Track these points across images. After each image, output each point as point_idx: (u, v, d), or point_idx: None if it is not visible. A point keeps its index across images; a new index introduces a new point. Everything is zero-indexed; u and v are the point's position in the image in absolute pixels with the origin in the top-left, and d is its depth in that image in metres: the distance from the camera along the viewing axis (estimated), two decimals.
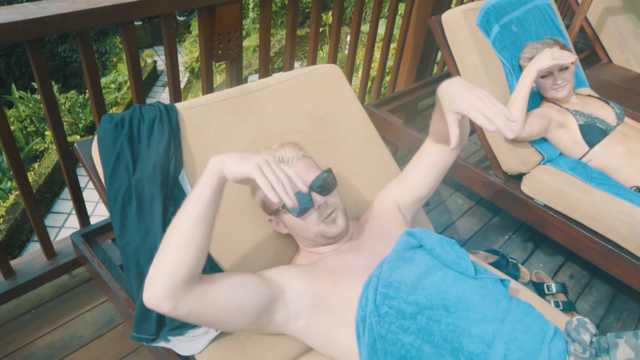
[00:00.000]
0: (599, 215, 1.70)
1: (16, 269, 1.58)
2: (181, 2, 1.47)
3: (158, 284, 0.83)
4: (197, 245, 0.85)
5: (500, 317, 0.95)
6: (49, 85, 1.36)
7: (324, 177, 1.08)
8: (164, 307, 0.84)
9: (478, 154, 2.64)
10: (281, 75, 1.43)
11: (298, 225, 1.10)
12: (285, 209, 1.07)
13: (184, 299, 0.85)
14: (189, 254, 0.84)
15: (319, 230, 1.09)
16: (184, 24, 12.76)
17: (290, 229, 1.14)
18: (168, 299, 0.83)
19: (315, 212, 1.07)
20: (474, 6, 1.85)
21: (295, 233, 1.14)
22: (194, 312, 0.87)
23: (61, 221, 7.76)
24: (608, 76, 2.85)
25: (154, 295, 0.84)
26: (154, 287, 0.84)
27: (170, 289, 0.83)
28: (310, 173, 1.08)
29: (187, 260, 0.84)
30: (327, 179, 1.09)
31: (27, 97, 8.62)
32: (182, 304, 0.85)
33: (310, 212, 1.07)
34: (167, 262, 0.84)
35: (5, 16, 1.19)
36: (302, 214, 1.06)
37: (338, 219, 1.10)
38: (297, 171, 1.07)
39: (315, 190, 1.06)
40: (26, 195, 1.47)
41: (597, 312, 1.83)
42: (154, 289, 0.84)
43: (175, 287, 0.83)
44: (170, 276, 0.83)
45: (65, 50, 11.82)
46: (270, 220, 1.17)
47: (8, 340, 1.50)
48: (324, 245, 1.14)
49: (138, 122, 1.12)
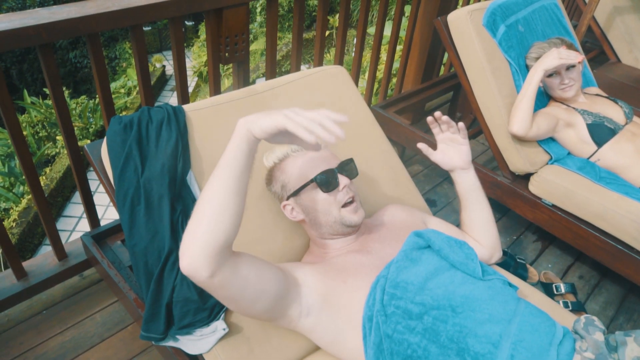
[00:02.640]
0: (607, 215, 1.69)
1: (28, 270, 1.61)
2: (189, 5, 1.49)
3: (196, 250, 0.81)
4: (232, 211, 0.83)
5: (508, 317, 0.95)
6: (60, 89, 1.39)
7: (349, 161, 1.13)
8: (202, 272, 0.82)
9: (485, 154, 2.63)
10: (288, 77, 1.44)
11: (319, 206, 1.09)
12: (315, 181, 1.06)
13: (220, 267, 0.83)
14: (225, 220, 0.82)
15: (340, 216, 1.09)
16: (192, 29, 12.87)
17: (309, 212, 1.11)
18: (207, 265, 0.81)
19: (340, 193, 1.09)
20: (480, 6, 1.85)
21: (313, 217, 1.11)
22: (226, 285, 0.85)
23: (72, 225, 7.84)
24: (617, 75, 2.83)
25: (193, 261, 0.81)
26: (191, 253, 0.82)
27: (208, 255, 0.81)
28: (335, 158, 1.12)
29: (223, 226, 0.82)
30: (351, 165, 1.13)
31: (38, 103, 8.74)
32: (219, 273, 0.83)
33: (335, 191, 1.09)
34: (203, 228, 0.82)
35: (18, 21, 1.22)
36: (330, 189, 1.07)
37: (359, 209, 1.12)
38: (324, 153, 1.10)
39: (341, 172, 1.09)
40: (38, 197, 1.49)
41: (607, 312, 1.81)
42: (192, 255, 0.81)
43: (213, 253, 0.81)
44: (208, 242, 0.81)
45: (76, 57, 11.96)
46: (284, 207, 1.15)
47: (21, 341, 1.52)
48: (338, 237, 1.13)
49: (146, 123, 1.14)
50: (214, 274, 0.82)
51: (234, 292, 0.88)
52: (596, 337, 0.96)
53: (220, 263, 0.83)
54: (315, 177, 1.07)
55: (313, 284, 1.01)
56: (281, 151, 1.13)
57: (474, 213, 1.27)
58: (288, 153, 1.13)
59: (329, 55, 8.53)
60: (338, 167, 1.10)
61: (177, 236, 1.09)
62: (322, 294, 1.01)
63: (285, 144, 1.03)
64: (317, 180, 1.07)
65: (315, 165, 1.08)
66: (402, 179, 1.51)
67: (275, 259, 1.19)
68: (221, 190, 0.83)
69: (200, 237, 0.81)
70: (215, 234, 0.81)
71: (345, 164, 1.12)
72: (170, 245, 1.07)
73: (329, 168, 1.08)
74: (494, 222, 1.29)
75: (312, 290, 1.00)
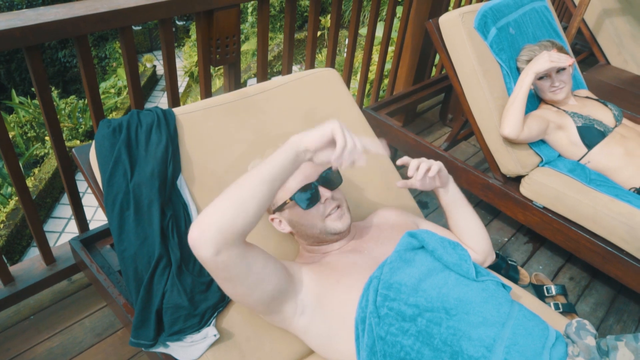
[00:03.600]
0: (598, 217, 1.70)
1: (15, 275, 1.58)
2: (179, 7, 1.47)
3: (212, 227, 0.83)
4: (259, 206, 0.86)
5: (502, 320, 0.95)
6: (48, 92, 1.36)
7: (330, 172, 1.10)
8: (207, 250, 0.83)
9: (477, 156, 2.64)
10: (279, 79, 1.43)
11: (303, 220, 1.09)
12: (293, 200, 1.06)
13: (227, 250, 0.84)
14: (249, 208, 0.85)
15: (324, 226, 1.09)
16: (183, 29, 12.80)
17: (295, 226, 1.13)
18: (215, 245, 0.83)
19: (322, 206, 1.08)
20: (472, 9, 1.86)
21: (299, 230, 1.13)
22: (229, 266, 0.87)
23: (61, 226, 7.76)
24: (606, 78, 2.86)
25: (203, 236, 0.82)
26: (206, 226, 0.83)
27: (222, 237, 0.83)
28: (316, 168, 1.10)
29: (247, 216, 0.85)
30: (332, 174, 1.11)
31: (27, 103, 8.64)
32: (224, 254, 0.84)
33: (317, 205, 1.07)
34: (229, 210, 0.84)
35: (4, 23, 1.19)
36: (310, 206, 1.06)
37: (344, 215, 1.11)
38: (303, 166, 1.08)
39: (321, 184, 1.08)
40: (25, 201, 1.47)
41: (597, 314, 1.83)
42: (204, 230, 0.83)
43: (227, 237, 0.83)
44: (227, 220, 0.83)
45: (65, 56, 11.84)
46: (272, 220, 1.16)
47: (7, 347, 1.50)
48: (327, 244, 1.14)
49: (136, 127, 1.13)
50: (218, 254, 0.83)
51: (235, 276, 0.89)
52: (588, 341, 0.97)
53: (229, 245, 0.84)
54: (293, 196, 1.06)
55: (308, 283, 1.01)
56: None
57: (460, 222, 1.27)
58: None
59: (320, 56, 8.52)
60: (319, 178, 1.08)
61: (167, 242, 1.07)
62: (316, 294, 1.01)
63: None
64: (296, 198, 1.06)
65: (295, 180, 1.07)
66: (394, 182, 1.50)
67: None
68: (257, 183, 0.86)
69: (221, 213, 0.84)
70: (236, 216, 0.84)
71: (326, 175, 1.09)
72: (160, 251, 1.05)
73: (308, 183, 1.07)
74: (483, 228, 1.28)
75: (307, 289, 1.01)
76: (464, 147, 2.69)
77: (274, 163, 0.88)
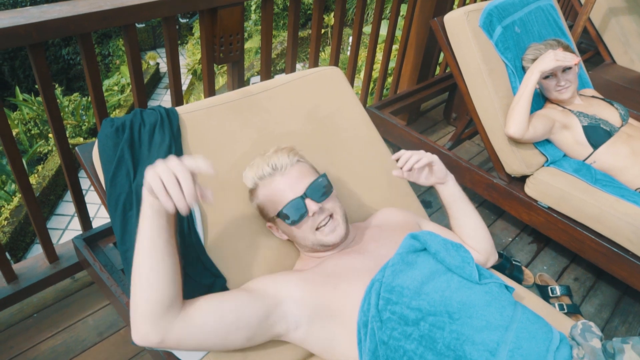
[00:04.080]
0: (603, 217, 1.68)
1: (18, 273, 1.58)
2: (182, 5, 1.46)
3: (138, 318, 0.83)
4: (161, 274, 0.84)
5: (505, 324, 0.94)
6: (52, 90, 1.36)
7: (318, 182, 1.07)
8: (152, 339, 0.83)
9: (481, 155, 2.63)
10: (282, 78, 1.43)
11: (294, 233, 1.09)
12: (279, 217, 1.06)
13: (169, 328, 0.84)
14: (157, 282, 0.84)
15: (316, 239, 1.08)
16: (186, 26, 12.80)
17: (289, 236, 1.14)
18: (153, 331, 0.83)
19: (310, 219, 1.06)
20: (477, 7, 1.84)
21: (294, 240, 1.14)
22: (183, 341, 0.86)
23: (65, 223, 7.78)
24: (612, 77, 2.83)
25: (139, 330, 0.83)
26: (136, 326, 0.84)
27: (151, 319, 0.83)
28: (304, 179, 1.07)
29: (157, 291, 0.83)
30: (321, 184, 1.07)
31: (31, 100, 8.66)
32: (170, 334, 0.84)
33: (305, 219, 1.06)
34: (140, 298, 0.84)
35: (8, 20, 1.19)
36: (296, 222, 1.05)
37: (338, 227, 1.08)
38: (290, 178, 1.06)
39: (309, 197, 1.04)
40: (29, 200, 1.47)
41: (602, 315, 1.81)
42: (137, 329, 0.84)
43: (155, 316, 0.83)
44: (148, 311, 0.83)
45: (68, 53, 11.87)
46: (270, 227, 1.16)
47: (10, 345, 1.50)
48: (324, 252, 1.13)
49: (139, 126, 1.12)
50: (165, 338, 0.84)
51: (196, 343, 0.89)
52: (593, 343, 0.96)
53: (167, 324, 0.84)
54: (279, 213, 1.05)
55: (300, 296, 0.98)
56: (250, 179, 1.10)
57: (461, 221, 1.27)
58: (256, 182, 1.09)
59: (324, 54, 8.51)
60: (307, 190, 1.05)
61: None
62: (311, 305, 0.99)
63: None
64: (282, 215, 1.05)
65: (282, 194, 1.05)
66: (398, 181, 1.49)
67: (269, 265, 1.17)
68: (143, 257, 0.85)
69: (138, 305, 0.83)
70: (152, 301, 0.83)
71: (314, 185, 1.05)
72: None
73: (294, 197, 1.03)
74: (485, 227, 1.27)
75: (299, 303, 0.98)
76: (468, 146, 2.67)
77: (143, 230, 0.85)
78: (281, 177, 1.06)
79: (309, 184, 1.05)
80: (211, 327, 0.89)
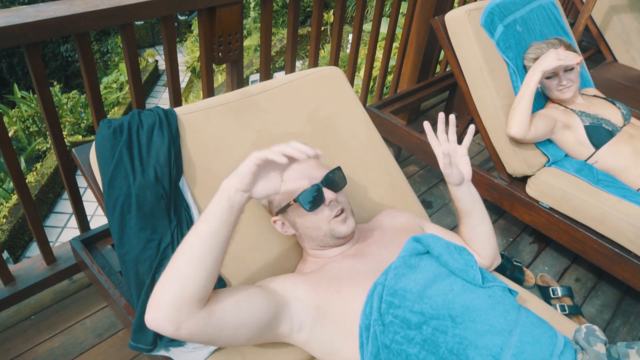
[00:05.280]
0: (605, 218, 1.67)
1: (15, 275, 1.57)
2: (180, 4, 1.45)
3: (163, 304, 0.80)
4: (208, 267, 0.83)
5: (508, 328, 0.93)
6: (48, 89, 1.34)
7: (335, 173, 1.06)
8: (166, 329, 0.81)
9: (481, 155, 2.62)
10: (282, 78, 1.41)
11: (308, 223, 1.07)
12: (297, 202, 1.03)
13: (188, 320, 0.81)
14: (198, 276, 0.82)
15: (329, 229, 1.06)
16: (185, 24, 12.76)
17: (299, 228, 1.09)
18: (172, 321, 0.80)
19: (327, 208, 1.05)
20: (478, 6, 1.83)
21: (303, 233, 1.10)
22: (197, 334, 0.84)
23: (64, 221, 7.78)
24: (613, 75, 2.82)
25: (157, 316, 0.80)
26: (156, 307, 0.80)
27: (176, 311, 0.80)
28: (320, 169, 1.06)
29: (196, 282, 0.81)
30: (338, 175, 1.07)
31: (29, 97, 8.64)
32: (186, 326, 0.81)
33: (321, 207, 1.04)
34: (175, 282, 0.81)
35: (3, 20, 1.17)
36: (314, 207, 1.03)
37: (349, 218, 1.08)
38: (308, 167, 1.05)
39: (325, 185, 1.04)
40: (25, 201, 1.45)
41: (604, 316, 1.81)
42: (156, 310, 0.80)
43: (181, 309, 0.80)
44: (179, 298, 0.80)
45: (67, 50, 11.83)
46: (275, 222, 1.12)
47: (8, 347, 1.49)
48: (331, 248, 1.11)
49: (137, 128, 1.10)
50: (179, 329, 0.81)
51: (208, 337, 0.86)
52: (597, 348, 0.95)
53: (188, 317, 0.81)
54: (297, 198, 1.02)
55: (305, 298, 0.98)
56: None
57: (478, 228, 1.24)
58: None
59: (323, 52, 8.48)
60: (323, 179, 1.04)
61: (171, 247, 1.05)
62: (314, 307, 0.98)
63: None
64: (300, 200, 1.02)
65: (298, 181, 1.02)
66: (399, 182, 1.48)
67: (271, 267, 1.16)
68: (197, 244, 0.84)
69: (168, 288, 0.81)
70: (185, 287, 0.81)
71: (331, 176, 1.05)
72: (161, 256, 1.03)
73: (312, 184, 1.02)
74: (493, 234, 1.26)
75: (303, 305, 0.97)
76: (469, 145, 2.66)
77: (210, 218, 0.84)
78: (298, 165, 1.04)
79: (326, 173, 1.05)
80: (227, 323, 0.87)
